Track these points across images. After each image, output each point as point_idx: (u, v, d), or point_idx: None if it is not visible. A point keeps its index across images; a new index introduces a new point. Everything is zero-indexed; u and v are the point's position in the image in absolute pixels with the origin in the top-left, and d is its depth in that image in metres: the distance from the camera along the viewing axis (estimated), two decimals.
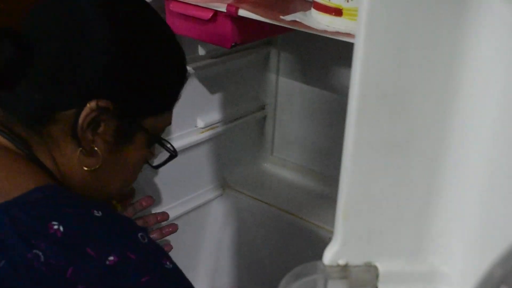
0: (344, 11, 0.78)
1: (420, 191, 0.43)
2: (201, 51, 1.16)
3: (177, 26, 1.00)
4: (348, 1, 0.77)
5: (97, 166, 0.70)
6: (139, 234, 0.64)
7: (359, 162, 0.41)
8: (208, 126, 1.24)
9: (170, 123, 0.79)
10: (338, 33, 0.78)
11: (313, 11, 0.83)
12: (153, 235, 0.99)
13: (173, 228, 1.02)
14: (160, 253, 0.66)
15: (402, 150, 0.41)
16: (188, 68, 1.14)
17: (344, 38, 0.78)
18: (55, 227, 0.59)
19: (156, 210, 1.20)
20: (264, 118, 1.41)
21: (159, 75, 0.73)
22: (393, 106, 0.40)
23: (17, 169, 0.65)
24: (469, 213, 0.42)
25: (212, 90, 1.24)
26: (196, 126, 1.23)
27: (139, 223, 0.98)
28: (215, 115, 1.26)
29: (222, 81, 1.26)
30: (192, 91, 1.19)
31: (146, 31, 0.72)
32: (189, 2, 0.96)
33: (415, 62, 0.39)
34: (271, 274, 1.30)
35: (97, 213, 0.63)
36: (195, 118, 1.22)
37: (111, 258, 0.60)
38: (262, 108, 1.40)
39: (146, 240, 0.64)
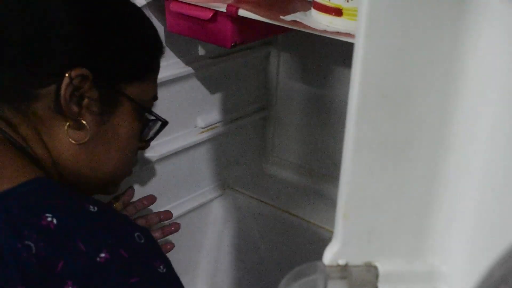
0: (344, 11, 0.78)
1: (420, 191, 0.43)
2: (201, 51, 1.16)
3: (177, 26, 1.00)
4: (348, 1, 0.77)
5: (87, 139, 0.70)
6: (136, 234, 0.64)
7: (359, 162, 0.41)
8: (208, 126, 1.24)
9: (155, 96, 0.80)
10: (338, 33, 0.78)
11: (313, 11, 0.83)
12: (155, 234, 0.99)
13: (176, 227, 1.02)
14: (156, 256, 0.65)
15: (402, 150, 0.41)
16: (188, 68, 1.15)
17: (344, 38, 0.78)
18: (49, 219, 0.59)
19: (156, 210, 1.20)
20: (264, 118, 1.41)
21: (131, 39, 0.74)
22: (393, 106, 0.40)
23: (7, 162, 0.64)
24: (469, 213, 0.42)
25: (212, 90, 1.24)
26: (196, 126, 1.23)
27: (141, 222, 0.98)
28: (215, 115, 1.27)
29: (222, 81, 1.26)
30: (192, 91, 1.19)
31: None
32: (189, 2, 0.96)
33: (415, 62, 0.39)
34: (271, 274, 1.30)
35: (93, 208, 0.62)
36: (195, 118, 1.22)
37: (102, 254, 0.59)
38: (262, 108, 1.40)
39: (142, 240, 0.64)
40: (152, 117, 0.80)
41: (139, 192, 1.14)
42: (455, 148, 0.41)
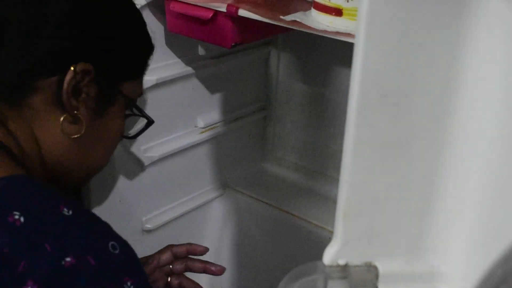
0: (344, 11, 0.78)
1: (420, 191, 0.43)
2: (201, 51, 1.16)
3: (177, 26, 1.00)
4: (348, 1, 0.77)
5: (81, 133, 0.70)
6: (110, 243, 0.62)
7: (359, 162, 0.41)
8: (208, 126, 1.24)
9: (142, 92, 0.81)
10: (338, 33, 0.78)
11: (313, 11, 0.83)
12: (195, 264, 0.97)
13: (219, 271, 0.98)
14: (127, 270, 0.63)
15: (402, 150, 0.41)
16: (188, 68, 1.15)
17: (344, 38, 0.78)
18: (16, 217, 0.58)
19: (156, 210, 1.20)
20: (264, 118, 1.41)
21: (133, 39, 0.76)
22: (393, 106, 0.40)
23: None
24: (469, 213, 0.42)
25: (212, 90, 1.24)
26: (196, 126, 1.23)
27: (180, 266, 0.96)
28: (215, 115, 1.27)
29: (222, 81, 1.26)
30: (192, 91, 1.19)
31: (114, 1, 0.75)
32: (189, 2, 0.96)
33: (415, 62, 0.39)
34: (271, 274, 1.30)
35: (67, 212, 0.61)
36: (195, 118, 1.22)
37: (68, 259, 0.58)
38: (262, 108, 1.40)
39: (117, 251, 0.62)
40: (138, 114, 0.81)
41: (139, 192, 1.14)
42: (455, 148, 0.41)
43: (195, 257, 0.98)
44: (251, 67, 1.33)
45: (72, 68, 0.67)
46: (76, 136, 0.70)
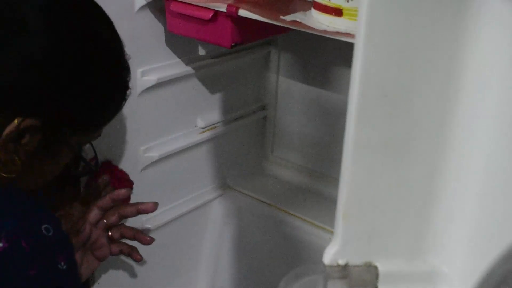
0: (344, 11, 0.78)
1: (420, 191, 0.43)
2: (201, 51, 1.16)
3: (177, 26, 1.00)
4: (348, 1, 0.77)
5: (16, 174, 0.67)
6: (44, 226, 0.62)
7: (359, 162, 0.41)
8: (208, 126, 1.24)
9: (99, 136, 0.77)
10: (338, 33, 0.78)
11: (313, 11, 0.83)
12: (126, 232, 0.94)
13: (149, 241, 0.95)
14: (60, 251, 0.64)
15: (402, 150, 0.41)
16: (188, 68, 1.15)
17: (344, 38, 0.78)
18: None
19: (156, 210, 1.20)
20: (264, 118, 1.41)
21: (94, 94, 0.71)
22: (393, 106, 0.40)
23: None
24: (469, 213, 0.42)
25: (212, 90, 1.24)
26: (196, 126, 1.23)
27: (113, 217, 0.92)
28: (215, 115, 1.27)
29: (222, 81, 1.26)
30: (192, 91, 1.19)
31: (87, 47, 0.69)
32: (189, 2, 0.96)
33: (415, 62, 0.39)
34: (271, 274, 1.30)
35: None
36: (195, 118, 1.22)
37: (0, 244, 0.58)
38: (262, 108, 1.40)
39: (50, 233, 0.62)
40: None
41: (139, 192, 1.14)
42: (455, 148, 0.41)
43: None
44: (251, 67, 1.33)
45: (16, 122, 0.63)
46: (11, 176, 0.67)
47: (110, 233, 0.93)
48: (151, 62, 1.07)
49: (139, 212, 0.94)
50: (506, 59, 0.38)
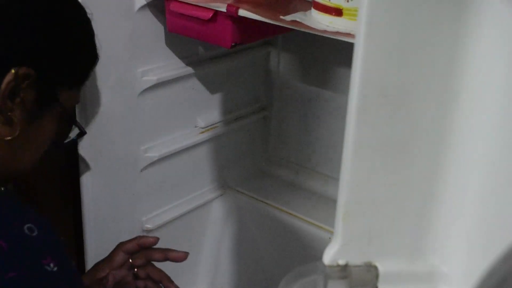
0: (344, 11, 0.78)
1: (420, 191, 0.43)
2: (201, 51, 1.16)
3: (177, 26, 1.00)
4: (348, 1, 0.77)
5: (14, 135, 0.68)
6: (26, 226, 0.61)
7: (359, 162, 0.41)
8: (208, 126, 1.24)
9: (79, 101, 0.80)
10: (338, 33, 0.78)
11: (313, 11, 0.83)
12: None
13: (180, 256, 0.96)
14: (48, 252, 0.62)
15: (402, 150, 0.41)
16: (188, 68, 1.15)
17: (344, 38, 0.78)
18: None
19: (156, 210, 1.20)
20: (264, 118, 1.41)
21: (77, 47, 0.76)
22: (393, 106, 0.40)
23: None
24: (469, 213, 0.42)
25: (212, 90, 1.24)
26: (196, 126, 1.23)
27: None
28: (215, 115, 1.27)
29: (222, 81, 1.26)
30: (192, 91, 1.19)
31: (64, 4, 0.75)
32: (189, 2, 0.96)
33: (415, 62, 0.39)
34: (271, 274, 1.30)
35: None
36: (195, 118, 1.22)
37: None
38: (262, 108, 1.40)
39: (34, 233, 0.61)
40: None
41: (139, 192, 1.14)
42: (455, 148, 0.41)
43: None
44: (251, 67, 1.33)
45: (13, 71, 0.65)
46: (8, 138, 0.68)
47: (136, 270, 0.94)
48: (151, 62, 1.07)
49: (167, 259, 0.95)
50: (506, 59, 0.38)
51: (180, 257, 0.95)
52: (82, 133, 0.84)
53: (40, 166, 0.77)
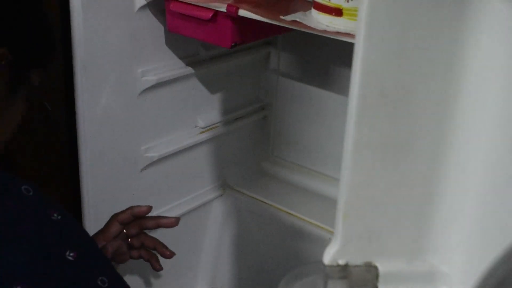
0: (344, 11, 0.78)
1: (420, 191, 0.43)
2: (201, 51, 1.16)
3: (177, 26, 1.00)
4: (348, 1, 0.77)
5: None
6: (23, 187, 0.63)
7: (359, 162, 0.41)
8: (208, 126, 1.24)
9: (38, 82, 0.82)
10: (338, 33, 0.78)
11: (313, 11, 0.83)
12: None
13: (169, 254, 1.00)
14: (48, 205, 0.65)
15: (402, 150, 0.41)
16: (188, 68, 1.15)
17: (344, 38, 0.78)
18: None
19: (156, 210, 1.20)
20: (264, 118, 1.41)
21: (45, 29, 0.79)
22: (393, 106, 0.40)
23: None
24: (469, 213, 0.42)
25: (212, 90, 1.24)
26: (196, 126, 1.23)
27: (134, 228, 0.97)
28: (215, 115, 1.27)
29: (222, 81, 1.26)
30: (192, 91, 1.19)
31: None
32: (189, 2, 0.96)
33: (415, 62, 0.39)
34: (271, 274, 1.30)
35: None
36: (195, 118, 1.22)
37: None
38: (262, 108, 1.40)
39: (31, 193, 0.63)
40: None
41: (139, 192, 1.14)
42: (455, 148, 0.41)
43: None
44: (251, 67, 1.33)
45: None
46: None
47: (130, 240, 0.97)
48: (151, 62, 1.07)
49: (159, 226, 0.99)
50: (506, 59, 0.38)
51: (171, 222, 1.00)
52: (47, 111, 0.86)
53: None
